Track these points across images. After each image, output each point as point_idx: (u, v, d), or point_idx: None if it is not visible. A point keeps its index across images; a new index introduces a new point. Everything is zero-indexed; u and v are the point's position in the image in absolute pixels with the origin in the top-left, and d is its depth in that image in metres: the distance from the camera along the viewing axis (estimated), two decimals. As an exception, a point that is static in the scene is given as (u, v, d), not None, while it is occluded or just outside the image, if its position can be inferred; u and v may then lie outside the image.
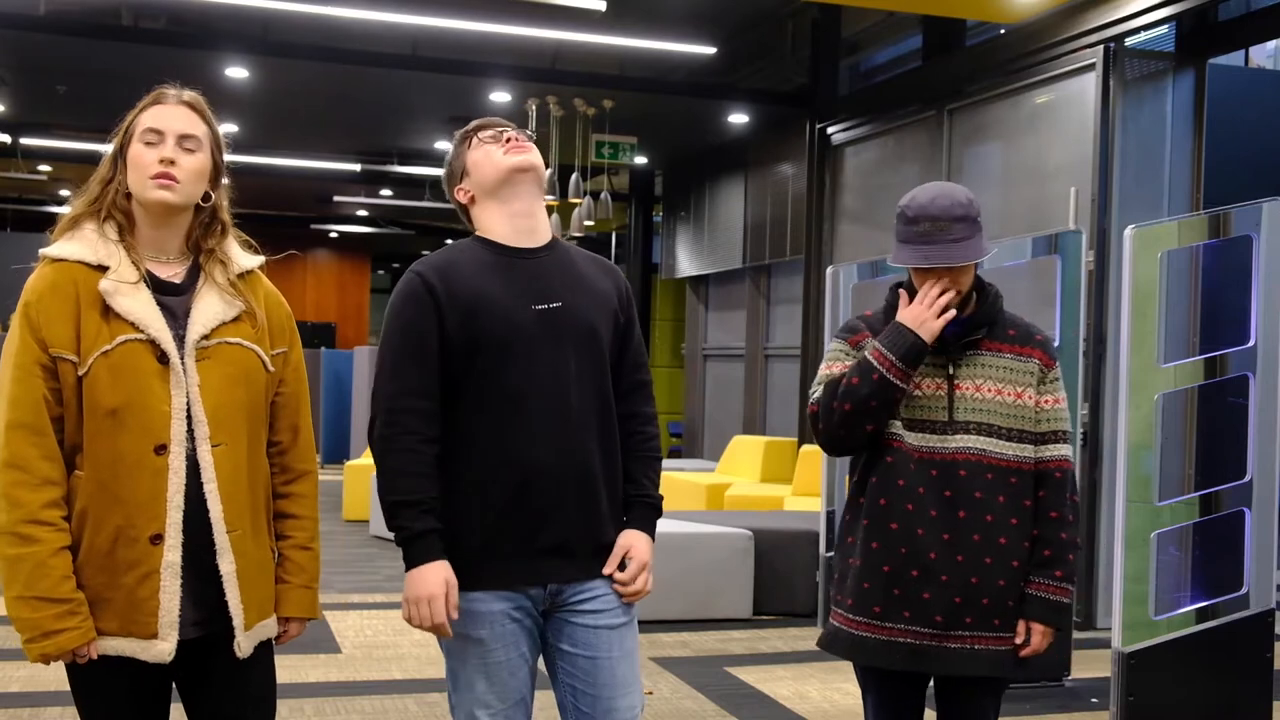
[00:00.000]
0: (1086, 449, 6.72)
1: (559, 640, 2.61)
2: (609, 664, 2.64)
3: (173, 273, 2.39)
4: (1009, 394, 2.78)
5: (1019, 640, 2.76)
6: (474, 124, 2.72)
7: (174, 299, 2.36)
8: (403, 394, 2.49)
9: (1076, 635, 5.93)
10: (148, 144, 2.37)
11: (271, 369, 2.44)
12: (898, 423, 2.78)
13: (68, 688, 2.40)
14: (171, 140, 2.37)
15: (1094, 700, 5.33)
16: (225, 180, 2.49)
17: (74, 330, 2.27)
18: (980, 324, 2.81)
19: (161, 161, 2.34)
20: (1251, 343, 4.40)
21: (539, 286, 2.57)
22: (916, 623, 2.74)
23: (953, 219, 2.72)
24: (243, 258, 2.47)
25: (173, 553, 2.28)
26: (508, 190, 2.63)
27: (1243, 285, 4.50)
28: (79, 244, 2.35)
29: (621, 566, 2.64)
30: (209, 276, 2.39)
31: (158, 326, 2.30)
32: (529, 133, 2.71)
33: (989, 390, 2.77)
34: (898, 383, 2.72)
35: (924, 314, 2.74)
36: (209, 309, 2.36)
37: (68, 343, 2.27)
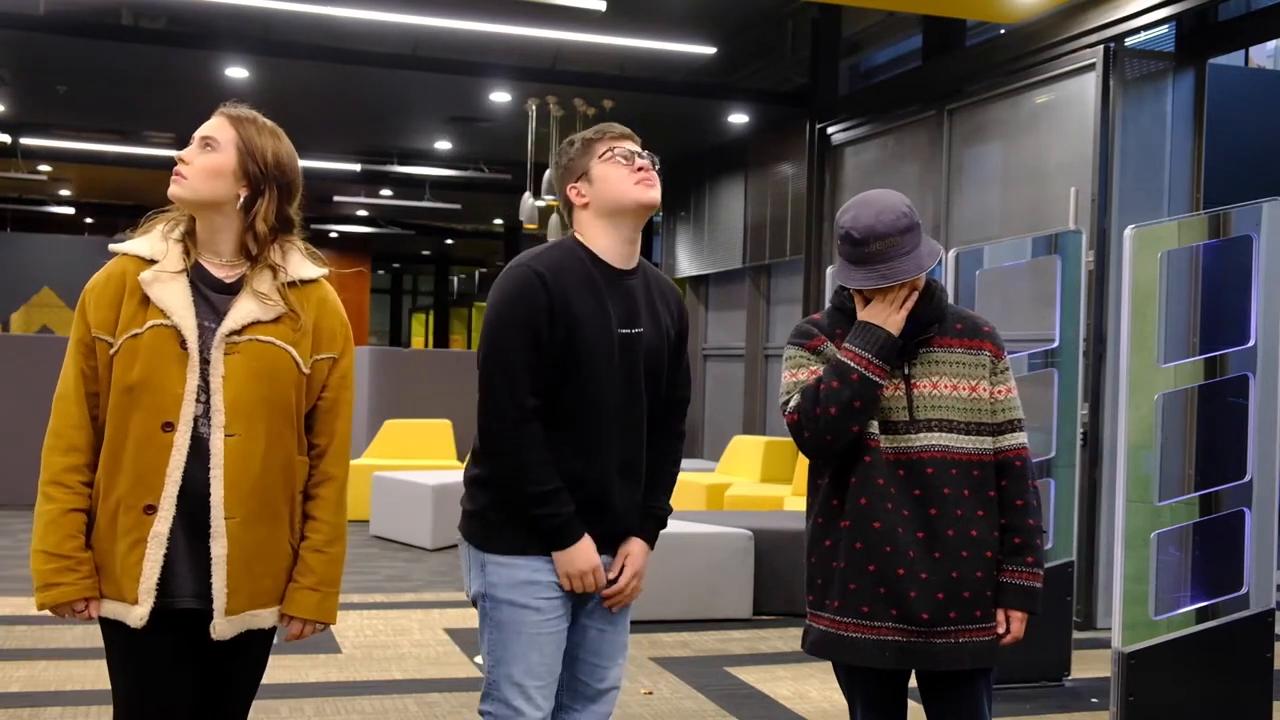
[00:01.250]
0: (1086, 449, 6.71)
1: (581, 617, 2.79)
2: (614, 635, 2.84)
3: (228, 273, 2.55)
4: (964, 388, 2.81)
5: (1000, 630, 2.81)
6: (607, 129, 2.78)
7: (220, 296, 2.52)
8: (527, 390, 2.62)
9: (1076, 635, 5.93)
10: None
11: (307, 371, 2.55)
12: (875, 423, 2.80)
13: (68, 688, 2.43)
14: (194, 143, 2.56)
15: (1094, 700, 5.33)
16: (269, 191, 2.55)
17: (115, 315, 2.47)
18: (930, 321, 2.83)
19: (178, 160, 2.53)
20: (1251, 343, 4.40)
21: (627, 310, 2.73)
22: (904, 620, 2.76)
23: (899, 232, 2.74)
24: (301, 268, 2.59)
25: (162, 524, 2.42)
26: (627, 219, 2.74)
27: (1243, 285, 4.50)
28: (140, 240, 2.55)
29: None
30: (252, 280, 2.52)
31: (183, 315, 2.46)
32: (656, 159, 2.79)
33: (945, 386, 2.81)
34: (877, 379, 2.75)
35: (886, 310, 2.78)
36: (244, 308, 2.49)
37: (108, 326, 2.47)
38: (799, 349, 2.89)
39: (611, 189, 2.71)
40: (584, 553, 2.67)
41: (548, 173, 2.99)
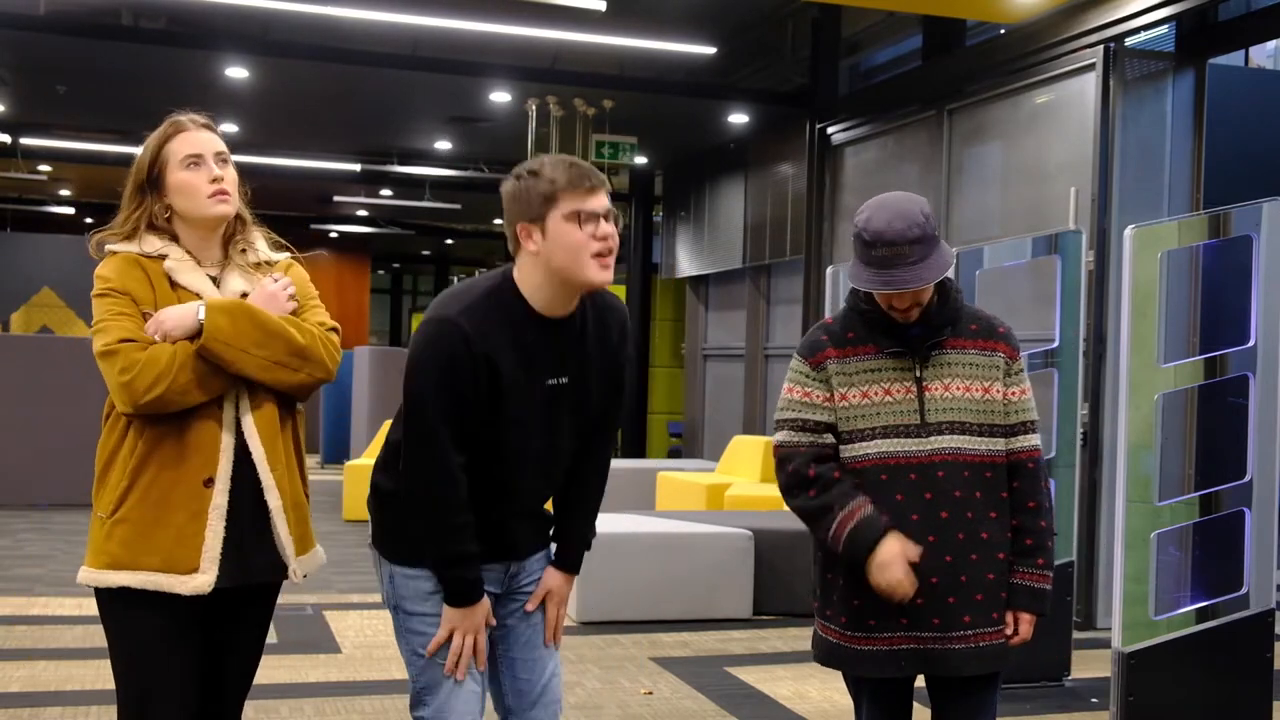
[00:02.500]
0: (1086, 449, 6.71)
1: (504, 617, 2.78)
2: (538, 627, 2.82)
3: (212, 273, 2.73)
4: (977, 390, 2.78)
5: (1009, 631, 2.79)
6: (582, 178, 2.54)
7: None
8: (452, 452, 2.56)
9: (1076, 635, 5.93)
10: (191, 168, 2.67)
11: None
12: (856, 444, 2.77)
13: (68, 688, 2.43)
14: (211, 160, 2.69)
15: (1094, 700, 5.33)
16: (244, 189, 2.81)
17: (152, 294, 2.63)
18: (944, 324, 2.81)
19: (213, 181, 2.67)
20: (1251, 343, 4.40)
21: (554, 359, 2.63)
22: (915, 628, 2.74)
23: (908, 242, 2.67)
24: (267, 251, 2.81)
25: (221, 496, 2.61)
26: (571, 288, 2.59)
27: (1243, 285, 4.50)
28: (134, 244, 2.68)
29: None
30: (232, 260, 2.74)
31: (212, 293, 2.67)
32: (620, 219, 2.64)
33: (958, 388, 2.78)
34: (835, 550, 2.75)
35: (889, 577, 2.69)
36: (233, 282, 2.72)
37: (149, 302, 2.62)
38: (803, 363, 2.85)
39: (566, 257, 2.52)
40: (481, 612, 2.65)
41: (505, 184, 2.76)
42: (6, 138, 13.45)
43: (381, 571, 2.74)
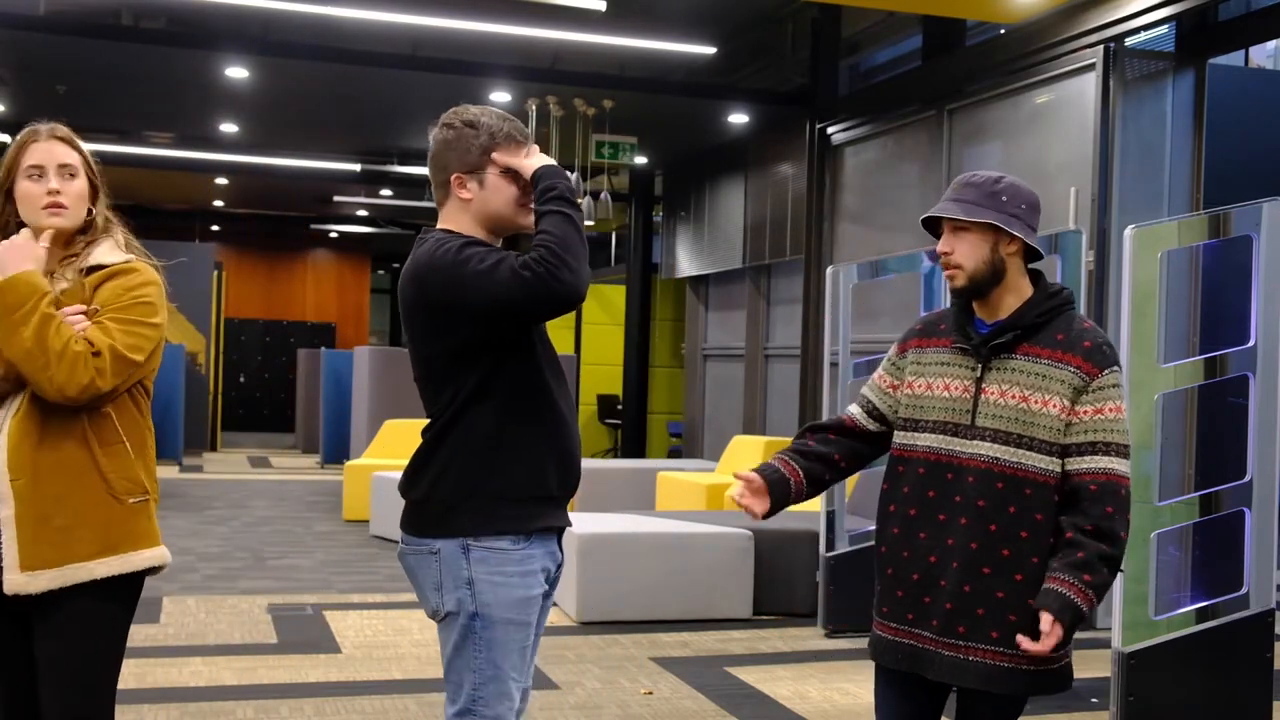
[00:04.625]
0: (1086, 449, 6.70)
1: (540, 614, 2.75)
2: (540, 634, 2.80)
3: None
4: (1035, 401, 2.65)
5: (1026, 646, 2.58)
6: (515, 131, 2.66)
7: None
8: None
9: (1076, 635, 5.91)
10: (33, 179, 2.68)
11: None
12: (910, 433, 2.79)
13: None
14: (54, 173, 2.69)
15: (1094, 700, 5.33)
16: (101, 197, 2.79)
17: None
18: (1012, 327, 2.71)
19: (50, 193, 2.67)
20: (1251, 343, 4.40)
21: None
22: (918, 625, 2.73)
23: (967, 184, 2.76)
24: (105, 255, 2.72)
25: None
26: (503, 233, 2.72)
27: (1243, 285, 4.50)
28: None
29: None
30: (60, 270, 2.70)
31: None
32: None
33: (1014, 396, 2.67)
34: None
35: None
36: (59, 287, 2.68)
37: None
38: (894, 348, 2.94)
39: (500, 206, 2.66)
40: None
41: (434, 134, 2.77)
42: (6, 138, 13.47)
43: (447, 576, 2.61)
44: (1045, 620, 2.56)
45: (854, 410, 2.94)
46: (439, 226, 2.69)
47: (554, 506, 2.68)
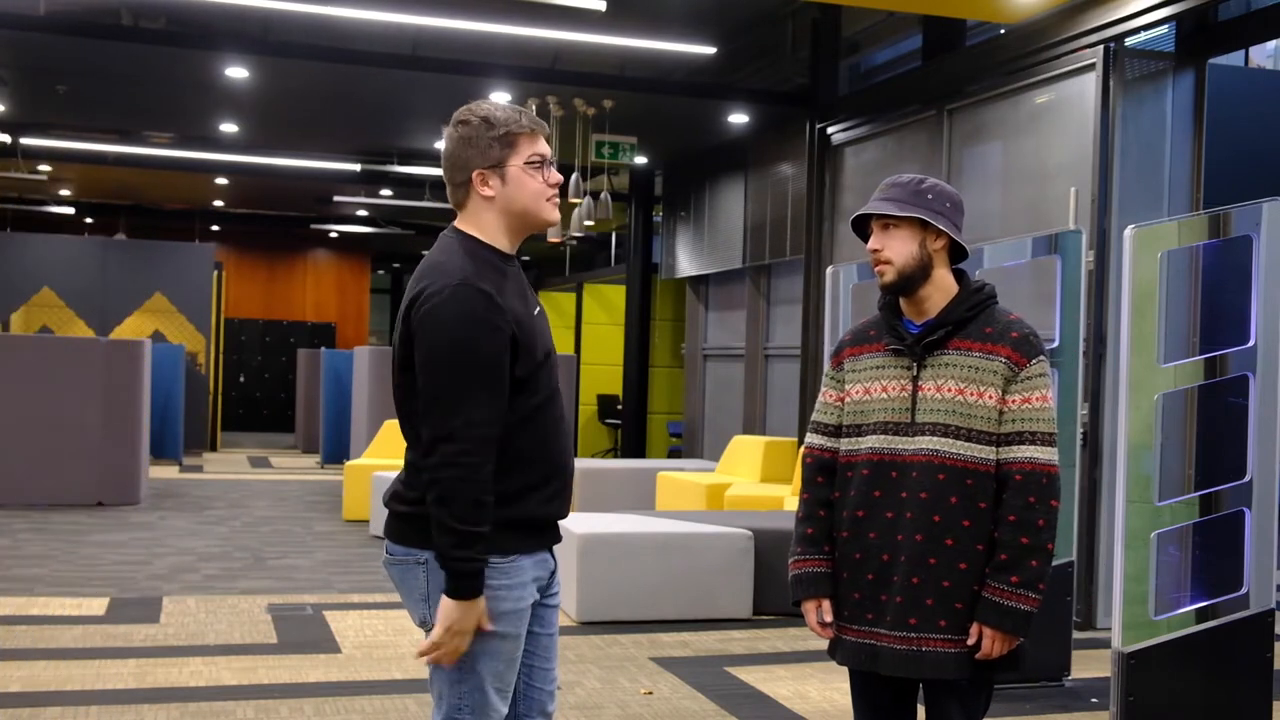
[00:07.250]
0: (1086, 449, 6.71)
1: (532, 624, 2.69)
2: (555, 638, 2.79)
3: None
4: (970, 394, 2.74)
5: (971, 642, 2.72)
6: (534, 124, 2.61)
7: None
8: (489, 422, 2.46)
9: (1076, 635, 5.93)
10: None
11: None
12: (855, 439, 2.85)
13: (68, 688, 2.41)
14: None
15: (1094, 700, 5.33)
16: None
17: None
18: (943, 324, 2.81)
19: None
20: (1251, 343, 4.39)
21: (532, 298, 2.68)
22: (878, 624, 2.79)
23: (894, 184, 2.84)
24: None
25: None
26: (527, 228, 2.66)
27: (1243, 285, 4.49)
28: None
29: None
30: None
31: None
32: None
33: (949, 390, 2.76)
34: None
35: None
36: None
37: None
38: (830, 365, 3.00)
39: (526, 200, 2.60)
40: (478, 608, 2.50)
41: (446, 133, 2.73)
42: (6, 138, 13.45)
43: (434, 587, 2.55)
44: (986, 635, 2.70)
45: (818, 441, 2.95)
46: (459, 227, 2.63)
47: (542, 530, 2.64)
